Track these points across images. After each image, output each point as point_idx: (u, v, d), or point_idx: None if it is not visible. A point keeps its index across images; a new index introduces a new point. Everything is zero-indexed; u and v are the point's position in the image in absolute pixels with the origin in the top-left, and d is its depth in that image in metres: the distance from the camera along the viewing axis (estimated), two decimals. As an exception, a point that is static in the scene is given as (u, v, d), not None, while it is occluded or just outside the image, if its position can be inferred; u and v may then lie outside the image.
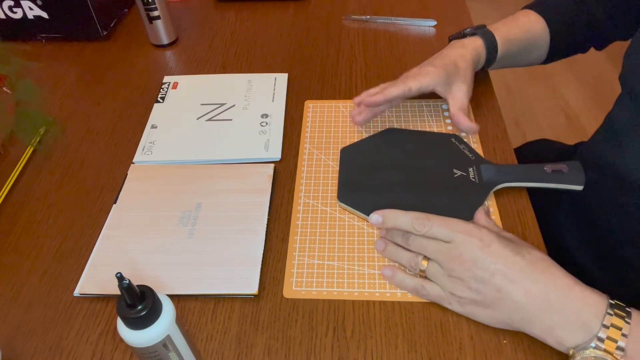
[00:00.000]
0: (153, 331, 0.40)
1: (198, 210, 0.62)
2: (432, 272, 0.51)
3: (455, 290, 0.50)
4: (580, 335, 0.44)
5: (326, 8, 0.97)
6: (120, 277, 0.38)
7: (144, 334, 0.40)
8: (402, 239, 0.54)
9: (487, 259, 0.48)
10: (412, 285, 0.53)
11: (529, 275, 0.47)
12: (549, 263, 0.48)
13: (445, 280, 0.50)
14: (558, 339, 0.45)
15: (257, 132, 0.72)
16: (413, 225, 0.52)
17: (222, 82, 0.82)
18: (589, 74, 2.06)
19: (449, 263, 0.50)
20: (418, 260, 0.52)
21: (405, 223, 0.53)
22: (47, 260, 0.60)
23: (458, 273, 0.49)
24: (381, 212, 0.55)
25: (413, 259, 0.53)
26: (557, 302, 0.45)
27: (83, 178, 0.69)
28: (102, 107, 0.79)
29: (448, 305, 0.51)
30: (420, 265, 0.52)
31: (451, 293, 0.50)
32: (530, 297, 0.46)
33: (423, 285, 0.52)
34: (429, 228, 0.51)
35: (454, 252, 0.49)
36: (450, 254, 0.50)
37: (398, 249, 0.54)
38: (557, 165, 0.62)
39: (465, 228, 0.50)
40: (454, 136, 0.68)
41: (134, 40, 0.92)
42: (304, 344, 0.51)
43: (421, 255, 0.52)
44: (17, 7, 0.88)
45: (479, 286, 0.48)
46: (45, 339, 0.53)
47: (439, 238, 0.51)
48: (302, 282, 0.56)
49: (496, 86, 0.76)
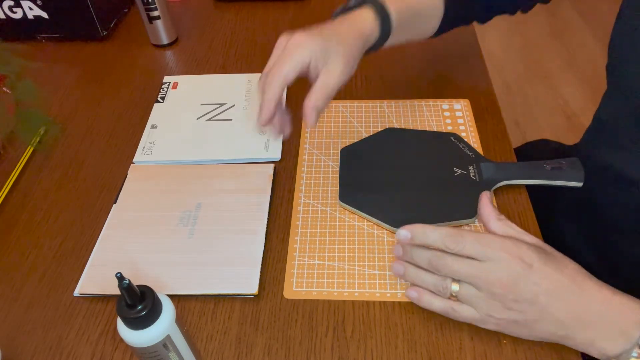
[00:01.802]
0: (153, 331, 0.40)
1: (198, 210, 0.62)
2: (466, 296, 0.47)
3: (493, 312, 0.46)
4: (621, 344, 0.43)
5: (326, 8, 0.97)
6: (120, 277, 0.38)
7: (144, 334, 0.40)
8: (428, 263, 0.48)
9: (530, 280, 0.45)
10: (442, 308, 0.49)
11: (571, 292, 0.45)
12: (584, 275, 0.46)
13: (482, 303, 0.46)
14: (600, 350, 0.44)
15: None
16: (445, 243, 0.47)
17: (222, 82, 0.82)
18: (589, 74, 2.06)
19: (486, 285, 0.46)
20: (447, 284, 0.47)
21: (436, 240, 0.48)
22: (47, 260, 0.60)
23: (497, 296, 0.45)
24: (409, 228, 0.49)
25: (440, 283, 0.48)
26: (598, 315, 0.45)
27: (83, 178, 0.69)
28: (102, 107, 0.79)
29: (482, 325, 0.48)
30: (450, 289, 0.47)
31: (488, 315, 0.47)
32: (572, 313, 0.45)
33: (454, 307, 0.48)
34: (463, 246, 0.46)
35: (493, 275, 0.45)
36: (488, 277, 0.45)
37: (420, 272, 0.50)
38: (556, 162, 0.62)
39: (502, 245, 0.46)
40: (453, 135, 0.68)
41: (134, 40, 0.92)
42: (304, 344, 0.51)
43: (449, 278, 0.48)
44: (17, 7, 0.88)
45: (521, 307, 0.45)
46: (45, 338, 0.53)
47: (473, 257, 0.46)
48: (302, 282, 0.56)
49: (496, 86, 0.76)
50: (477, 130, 0.70)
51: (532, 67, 2.12)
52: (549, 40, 2.24)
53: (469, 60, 0.82)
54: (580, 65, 2.11)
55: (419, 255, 0.49)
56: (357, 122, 0.73)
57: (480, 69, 0.80)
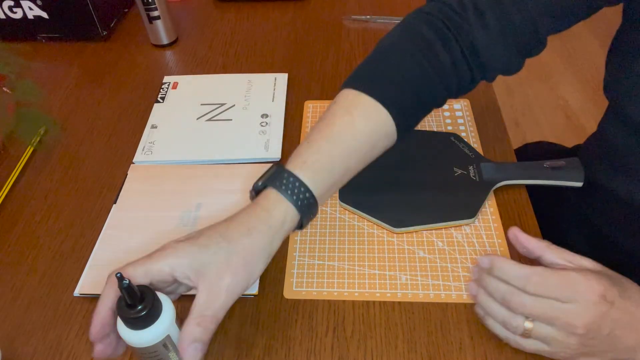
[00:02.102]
0: (153, 331, 0.40)
1: (198, 210, 0.62)
2: (540, 335, 0.45)
3: (567, 349, 0.45)
4: None
5: (326, 8, 0.97)
6: (120, 277, 0.38)
7: (144, 334, 0.40)
8: (502, 298, 0.46)
9: (610, 317, 0.44)
10: (505, 338, 0.48)
11: (638, 318, 0.45)
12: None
13: (557, 341, 0.45)
14: None
15: (257, 132, 0.72)
16: (525, 285, 0.44)
17: (222, 82, 0.82)
18: (589, 74, 2.06)
19: (566, 327, 0.44)
20: (518, 322, 0.45)
21: (516, 279, 0.45)
22: (47, 260, 0.60)
23: (576, 336, 0.44)
24: (492, 258, 0.47)
25: (512, 320, 0.46)
26: None
27: (83, 178, 0.69)
28: (102, 107, 0.79)
29: (548, 356, 0.47)
30: (522, 328, 0.45)
31: (561, 351, 0.45)
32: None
33: (519, 342, 0.46)
34: (545, 289, 0.44)
35: (576, 317, 0.43)
36: (570, 319, 0.43)
37: (492, 303, 0.47)
38: (556, 162, 0.62)
39: (587, 286, 0.44)
40: (453, 135, 0.68)
41: (134, 40, 0.92)
42: (304, 344, 0.51)
43: (521, 316, 0.45)
44: (17, 7, 0.88)
45: (595, 342, 0.44)
46: (45, 339, 0.53)
47: (555, 299, 0.44)
48: (303, 282, 0.56)
49: (496, 86, 0.76)
50: (477, 130, 0.70)
51: (532, 67, 2.12)
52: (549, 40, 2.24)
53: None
54: (580, 65, 2.11)
55: (494, 288, 0.47)
56: (357, 122, 0.73)
57: (480, 69, 0.80)
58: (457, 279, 0.55)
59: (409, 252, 0.57)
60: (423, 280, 0.55)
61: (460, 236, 0.59)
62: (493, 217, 0.60)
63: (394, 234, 0.59)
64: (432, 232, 0.59)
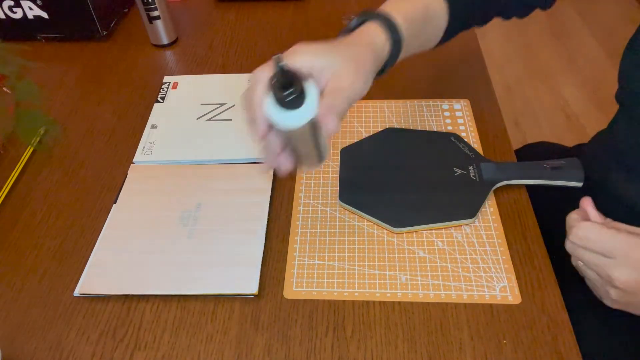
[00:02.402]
0: (305, 109, 0.42)
1: (198, 210, 0.62)
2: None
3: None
4: None
5: (326, 8, 0.97)
6: (278, 59, 0.40)
7: (297, 114, 0.42)
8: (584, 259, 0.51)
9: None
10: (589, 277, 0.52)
11: None
12: None
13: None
14: None
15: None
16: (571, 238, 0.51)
17: (222, 82, 0.82)
18: (589, 74, 2.06)
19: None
20: (607, 288, 0.50)
21: (573, 235, 0.52)
22: (47, 260, 0.60)
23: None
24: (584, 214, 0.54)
25: (600, 285, 0.50)
26: None
27: (83, 178, 0.69)
28: (102, 107, 0.79)
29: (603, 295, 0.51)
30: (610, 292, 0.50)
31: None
32: None
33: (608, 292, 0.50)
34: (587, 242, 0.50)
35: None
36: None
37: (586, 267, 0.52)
38: (556, 162, 0.62)
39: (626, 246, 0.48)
40: (453, 135, 0.68)
41: (134, 40, 0.92)
42: (304, 344, 0.51)
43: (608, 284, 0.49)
44: (17, 7, 0.88)
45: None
46: (45, 338, 0.53)
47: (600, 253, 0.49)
48: (303, 282, 0.56)
49: (496, 86, 0.76)
50: (477, 130, 0.70)
51: (532, 67, 2.12)
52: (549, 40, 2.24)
53: (469, 60, 0.82)
54: (580, 65, 2.11)
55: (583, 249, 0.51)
56: (357, 122, 0.73)
57: (480, 69, 0.80)
58: (457, 279, 0.55)
59: (409, 252, 0.57)
60: (423, 280, 0.55)
61: (460, 236, 0.59)
62: (493, 217, 0.60)
63: (394, 234, 0.59)
64: (432, 232, 0.59)
